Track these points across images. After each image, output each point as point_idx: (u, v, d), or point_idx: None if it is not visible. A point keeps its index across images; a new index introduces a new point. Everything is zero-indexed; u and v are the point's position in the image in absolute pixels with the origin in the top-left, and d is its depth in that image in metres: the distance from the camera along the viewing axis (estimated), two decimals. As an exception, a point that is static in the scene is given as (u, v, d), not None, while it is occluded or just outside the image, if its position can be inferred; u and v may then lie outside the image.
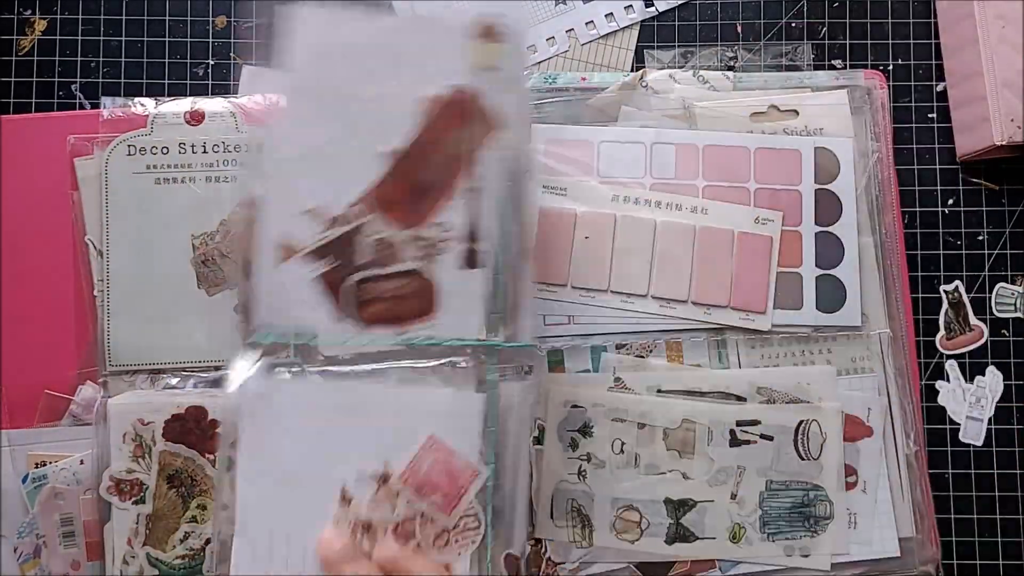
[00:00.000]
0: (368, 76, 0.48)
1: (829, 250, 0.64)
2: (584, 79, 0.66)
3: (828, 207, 0.64)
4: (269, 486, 0.46)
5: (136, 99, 0.65)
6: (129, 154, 0.64)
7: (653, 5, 0.70)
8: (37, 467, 0.61)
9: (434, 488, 0.47)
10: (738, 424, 0.62)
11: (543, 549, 0.61)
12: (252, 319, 0.47)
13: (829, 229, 0.64)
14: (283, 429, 0.47)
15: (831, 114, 0.65)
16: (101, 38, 0.69)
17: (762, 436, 0.62)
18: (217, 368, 0.62)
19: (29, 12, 0.69)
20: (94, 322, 0.63)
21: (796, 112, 0.65)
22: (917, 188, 0.68)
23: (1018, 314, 0.67)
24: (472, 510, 0.47)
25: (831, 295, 0.63)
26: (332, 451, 0.47)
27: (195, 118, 0.65)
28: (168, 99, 0.65)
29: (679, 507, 0.61)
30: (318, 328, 0.47)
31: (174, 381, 0.63)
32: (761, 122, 0.65)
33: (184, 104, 0.65)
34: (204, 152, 0.64)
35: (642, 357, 0.63)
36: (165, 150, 0.64)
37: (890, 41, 0.70)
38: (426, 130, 0.48)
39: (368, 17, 0.48)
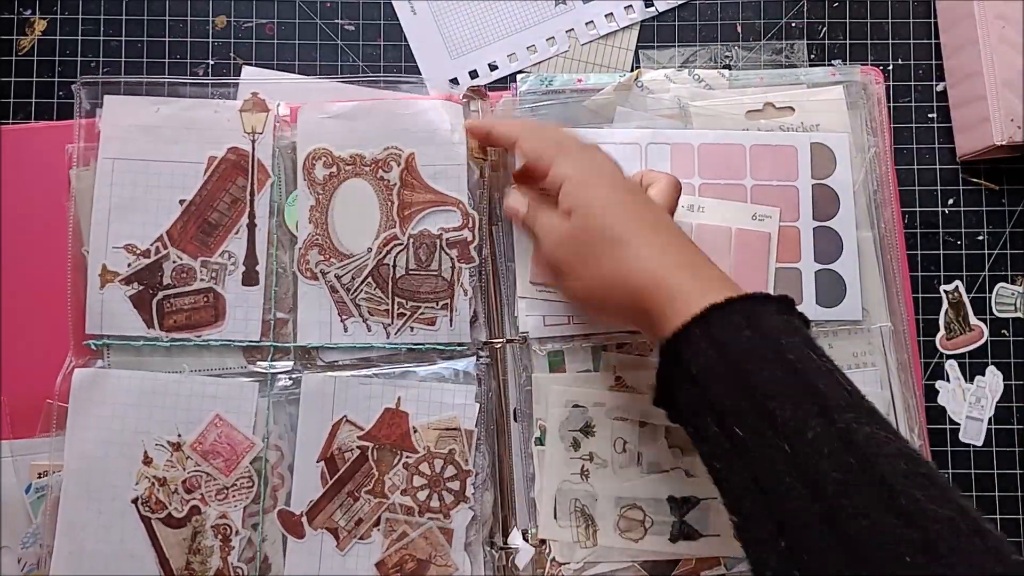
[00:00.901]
0: (165, 144, 0.63)
1: (828, 245, 0.64)
2: (580, 80, 0.66)
3: (825, 202, 0.64)
4: (91, 448, 0.60)
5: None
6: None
7: (653, 5, 0.70)
8: (40, 477, 0.61)
9: (217, 455, 0.61)
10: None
11: (547, 550, 0.61)
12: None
13: (827, 224, 0.64)
14: (103, 408, 0.61)
15: (827, 110, 0.65)
16: (101, 38, 0.69)
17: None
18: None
19: (29, 12, 0.69)
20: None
21: (792, 109, 0.65)
22: (917, 188, 0.68)
23: (1018, 314, 0.67)
24: (247, 472, 0.61)
25: (831, 290, 0.63)
26: (139, 424, 0.61)
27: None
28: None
29: (683, 505, 0.61)
30: (134, 335, 0.62)
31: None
32: (757, 119, 0.65)
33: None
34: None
35: (643, 356, 0.63)
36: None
37: (890, 41, 0.70)
38: (211, 182, 0.63)
39: (164, 101, 0.64)
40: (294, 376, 0.62)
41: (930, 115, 0.69)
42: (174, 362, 0.62)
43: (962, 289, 0.68)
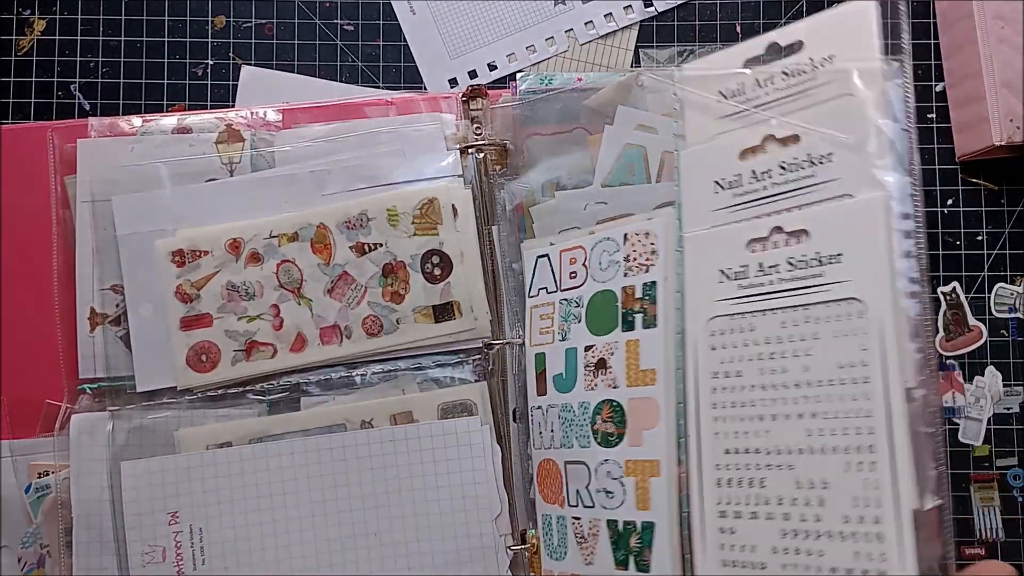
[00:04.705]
0: (141, 183, 0.62)
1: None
2: (580, 79, 0.66)
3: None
4: (98, 494, 0.60)
5: (124, 116, 0.64)
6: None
7: (652, 5, 0.70)
8: (40, 476, 0.61)
9: None
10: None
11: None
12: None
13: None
14: (105, 452, 0.60)
15: (846, 37, 0.48)
16: (100, 38, 0.69)
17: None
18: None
19: (28, 12, 0.69)
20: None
21: (802, 43, 0.50)
22: (916, 188, 0.69)
23: (1017, 314, 0.67)
24: None
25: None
26: None
27: (182, 133, 0.64)
28: (154, 115, 0.65)
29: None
30: (128, 375, 0.61)
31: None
32: (757, 67, 0.53)
33: (171, 120, 0.64)
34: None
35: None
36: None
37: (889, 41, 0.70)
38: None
39: (137, 140, 0.63)
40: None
41: (929, 115, 0.69)
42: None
43: (960, 290, 0.68)
